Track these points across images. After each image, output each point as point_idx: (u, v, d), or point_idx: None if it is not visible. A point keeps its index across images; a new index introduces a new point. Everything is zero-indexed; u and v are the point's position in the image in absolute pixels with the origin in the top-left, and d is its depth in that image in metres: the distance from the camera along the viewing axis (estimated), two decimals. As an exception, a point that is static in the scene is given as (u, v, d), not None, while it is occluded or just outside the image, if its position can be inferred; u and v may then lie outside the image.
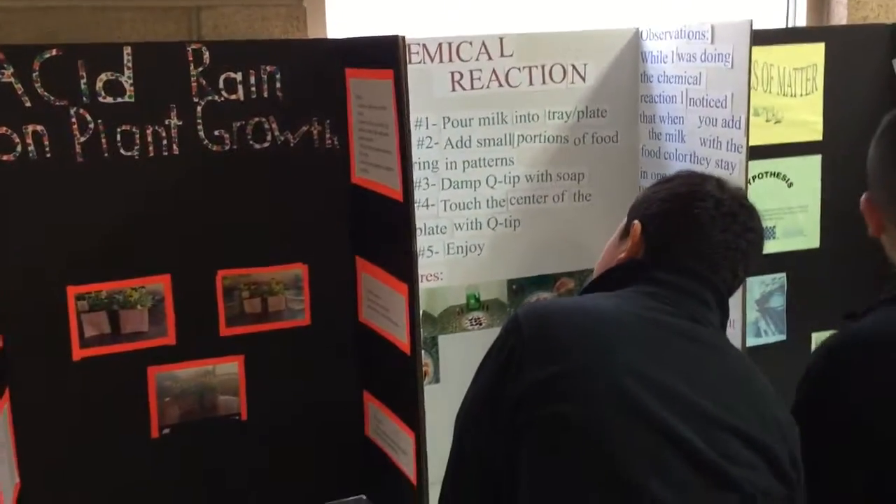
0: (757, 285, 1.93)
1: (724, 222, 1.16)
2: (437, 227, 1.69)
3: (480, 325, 1.75)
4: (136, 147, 1.48)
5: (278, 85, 1.54)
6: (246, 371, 1.59)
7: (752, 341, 1.89)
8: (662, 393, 1.03)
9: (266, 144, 1.55)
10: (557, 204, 1.76)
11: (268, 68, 1.54)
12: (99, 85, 1.44)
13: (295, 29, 1.64)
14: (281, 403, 1.61)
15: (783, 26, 2.12)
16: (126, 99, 1.46)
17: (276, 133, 1.56)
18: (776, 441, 1.06)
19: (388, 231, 1.46)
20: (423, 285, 1.66)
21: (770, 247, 1.95)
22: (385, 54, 1.37)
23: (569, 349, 1.05)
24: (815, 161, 1.92)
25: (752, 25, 1.49)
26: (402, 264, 1.41)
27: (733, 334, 1.59)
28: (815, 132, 1.90)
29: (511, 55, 1.69)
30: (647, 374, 1.03)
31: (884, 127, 1.23)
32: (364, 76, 1.49)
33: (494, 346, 1.12)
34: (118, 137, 1.47)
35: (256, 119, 1.54)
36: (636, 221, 1.20)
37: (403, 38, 1.33)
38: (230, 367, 1.57)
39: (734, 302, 1.58)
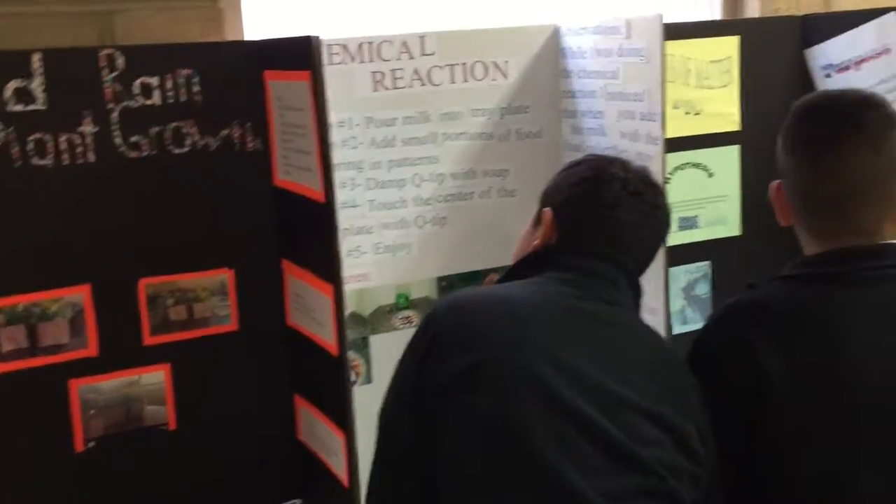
0: (682, 274, 1.97)
1: (631, 202, 1.19)
2: (364, 227, 1.68)
3: (411, 323, 1.75)
4: (49, 155, 1.44)
5: (196, 88, 1.52)
6: (173, 380, 1.56)
7: (679, 329, 1.93)
8: (576, 378, 1.05)
9: (186, 149, 1.53)
10: (484, 200, 1.77)
11: (185, 72, 1.51)
12: (8, 93, 1.40)
13: (212, 31, 1.62)
14: (211, 411, 1.59)
15: (700, 20, 2.17)
16: (38, 106, 1.42)
17: (196, 137, 1.54)
18: (685, 418, 1.09)
19: (312, 233, 1.46)
20: (351, 286, 1.66)
21: (693, 236, 2.02)
22: (301, 55, 1.36)
23: (484, 339, 1.07)
24: (734, 151, 1.97)
25: (662, 20, 1.53)
26: (327, 265, 1.41)
27: (657, 322, 1.63)
28: (732, 123, 1.96)
29: (432, 54, 1.69)
30: (561, 360, 1.06)
31: (788, 119, 1.28)
32: (282, 78, 1.48)
33: (412, 340, 1.14)
34: (30, 146, 1.43)
35: (175, 124, 1.52)
36: (547, 208, 1.23)
37: (318, 38, 1.33)
38: (156, 377, 1.55)
39: (657, 291, 1.63)
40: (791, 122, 1.26)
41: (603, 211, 1.19)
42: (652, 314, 1.63)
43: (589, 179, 1.22)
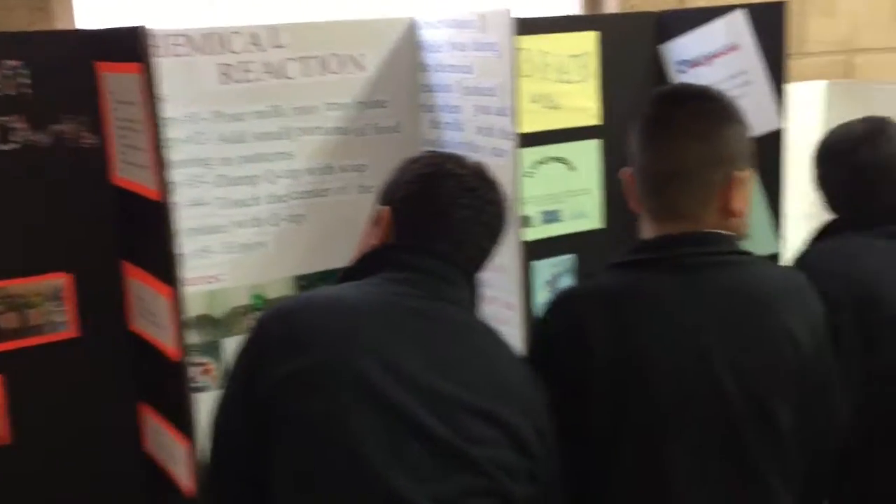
0: (547, 267, 1.99)
1: (465, 198, 1.19)
2: (214, 225, 1.62)
3: (268, 324, 1.70)
4: None
5: (25, 81, 1.43)
6: (7, 391, 1.47)
7: (544, 322, 1.95)
8: (406, 379, 1.03)
9: (14, 146, 1.44)
10: (342, 197, 1.74)
11: (11, 63, 1.42)
12: None
13: (39, 20, 1.53)
14: (50, 423, 1.50)
15: (559, 15, 2.19)
16: None
17: (26, 133, 1.45)
18: (521, 415, 1.09)
19: (150, 233, 1.39)
20: (201, 288, 1.61)
21: (557, 229, 2.04)
22: (131, 46, 1.29)
23: (313, 342, 1.05)
24: (594, 145, 2.00)
25: (510, 14, 1.53)
26: (165, 267, 1.35)
27: (515, 317, 1.64)
28: (592, 117, 1.98)
29: (285, 46, 1.64)
30: (392, 361, 1.04)
31: (643, 109, 1.32)
32: (115, 70, 1.40)
33: (243, 345, 1.10)
34: None
35: (1, 118, 1.42)
36: (384, 206, 1.21)
37: (145, 28, 1.27)
38: (-14, 389, 1.45)
39: (514, 286, 1.64)
40: (643, 108, 1.30)
41: (438, 208, 1.18)
42: (509, 309, 1.64)
43: (424, 176, 1.21)
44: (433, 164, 1.22)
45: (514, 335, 1.55)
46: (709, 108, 1.25)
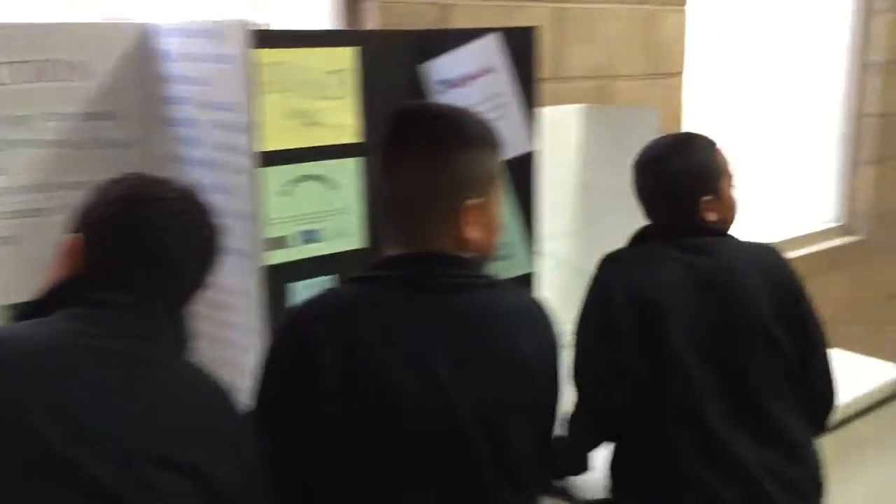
0: (306, 289, 1.90)
1: (172, 224, 1.09)
2: None
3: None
4: None
5: None
6: None
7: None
8: (79, 429, 0.92)
9: None
10: (62, 217, 1.55)
11: None
12: None
13: None
14: None
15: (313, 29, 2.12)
16: None
17: None
18: (217, 460, 1.01)
19: None
20: None
21: (318, 250, 1.96)
22: None
23: None
24: (355, 163, 1.95)
25: (246, 26, 1.43)
26: None
27: (258, 344, 1.54)
28: (352, 135, 1.93)
29: (-8, 48, 1.46)
30: (63, 409, 0.92)
31: (381, 130, 1.28)
32: None
33: None
34: None
35: None
36: (76, 234, 1.08)
37: None
38: None
39: (252, 310, 1.54)
40: (381, 128, 1.26)
41: (137, 234, 1.07)
42: (252, 335, 1.54)
43: (125, 199, 1.09)
44: (134, 187, 1.11)
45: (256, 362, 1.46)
46: (438, 134, 1.21)
